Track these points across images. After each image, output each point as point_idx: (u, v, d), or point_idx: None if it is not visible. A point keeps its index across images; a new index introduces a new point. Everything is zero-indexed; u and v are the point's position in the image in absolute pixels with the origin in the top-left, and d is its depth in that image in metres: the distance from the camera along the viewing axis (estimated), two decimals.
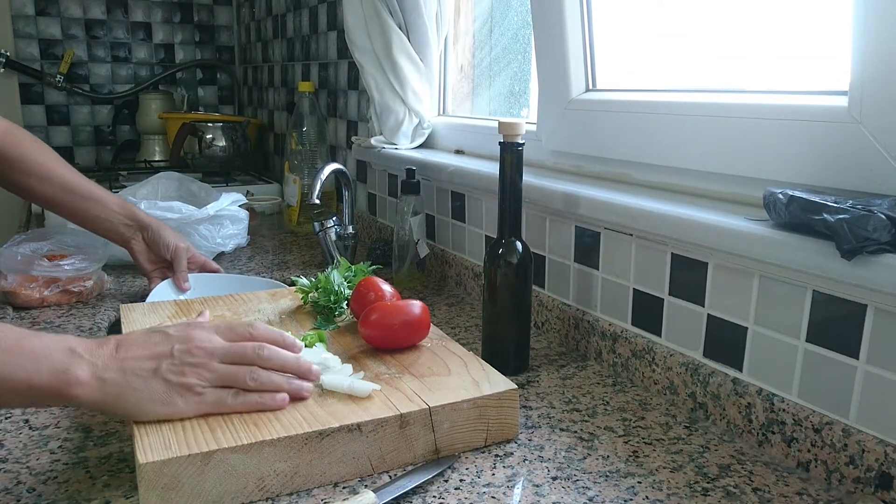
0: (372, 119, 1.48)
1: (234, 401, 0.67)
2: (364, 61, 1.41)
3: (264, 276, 1.29)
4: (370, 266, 1.03)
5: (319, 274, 0.98)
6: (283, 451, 0.63)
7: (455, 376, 0.76)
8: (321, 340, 0.83)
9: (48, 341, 0.62)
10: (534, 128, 1.16)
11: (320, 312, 0.95)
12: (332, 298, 0.95)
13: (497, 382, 0.74)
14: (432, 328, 0.89)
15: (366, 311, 0.84)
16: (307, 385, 0.70)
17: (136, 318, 0.92)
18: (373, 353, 0.82)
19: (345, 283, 0.97)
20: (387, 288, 0.91)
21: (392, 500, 0.62)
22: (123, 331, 0.87)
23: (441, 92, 1.52)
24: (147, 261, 1.17)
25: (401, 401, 0.69)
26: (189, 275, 1.15)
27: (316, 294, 0.96)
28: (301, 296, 0.99)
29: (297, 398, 0.69)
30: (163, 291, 1.11)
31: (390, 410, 0.68)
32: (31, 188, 1.10)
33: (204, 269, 1.20)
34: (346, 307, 0.96)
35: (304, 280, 1.00)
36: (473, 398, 0.71)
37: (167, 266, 1.17)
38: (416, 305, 0.84)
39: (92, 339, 0.66)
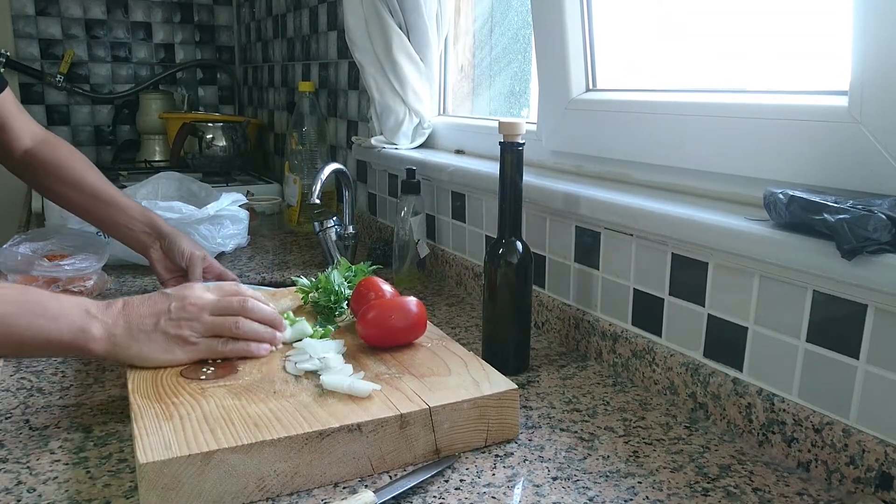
0: (372, 119, 1.48)
1: (224, 348, 0.79)
2: (364, 61, 1.41)
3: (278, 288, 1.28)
4: (370, 266, 1.03)
5: (319, 274, 0.98)
6: (284, 451, 0.63)
7: (455, 376, 0.76)
8: (324, 336, 0.84)
9: (67, 304, 0.74)
10: (534, 128, 1.16)
11: (320, 312, 0.95)
12: (332, 298, 0.95)
13: (497, 382, 0.74)
14: (432, 328, 0.89)
15: (363, 309, 0.85)
16: (280, 335, 0.84)
17: None
18: (373, 353, 0.82)
19: (345, 283, 0.97)
20: (387, 288, 0.91)
21: (391, 499, 0.62)
22: None
23: (441, 92, 1.52)
24: (164, 269, 1.18)
25: (401, 401, 0.69)
26: (204, 283, 1.14)
27: (316, 294, 0.96)
28: (301, 296, 0.99)
29: (272, 344, 0.82)
30: None
31: (390, 410, 0.68)
32: (64, 195, 1.16)
33: (220, 278, 1.20)
34: (346, 307, 0.96)
35: (304, 280, 1.00)
36: (474, 398, 0.71)
37: (183, 275, 1.17)
38: (412, 302, 0.84)
39: (102, 301, 0.77)
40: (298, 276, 1.05)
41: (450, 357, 0.81)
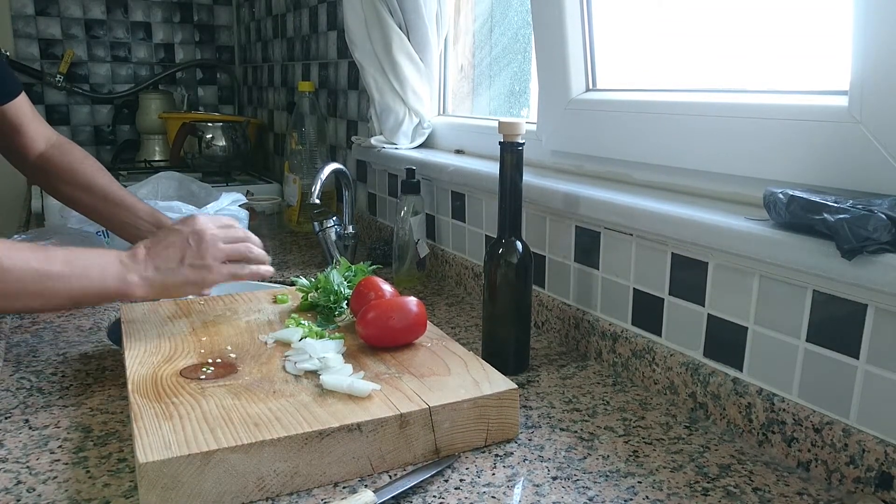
0: (372, 119, 1.48)
1: (243, 271, 0.92)
2: (364, 61, 1.41)
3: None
4: (370, 266, 1.03)
5: (319, 274, 0.98)
6: (283, 450, 0.63)
7: (455, 376, 0.76)
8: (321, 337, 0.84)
9: (101, 259, 0.85)
10: (534, 128, 1.16)
11: (320, 312, 0.95)
12: (331, 298, 0.95)
13: (497, 382, 0.74)
14: (432, 328, 0.89)
15: (363, 309, 0.85)
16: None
17: (136, 318, 0.93)
18: (372, 353, 0.82)
19: (345, 282, 0.97)
20: (387, 287, 0.91)
21: (391, 499, 0.62)
22: (124, 332, 0.88)
23: (441, 92, 1.52)
24: None
25: (401, 400, 0.69)
26: (204, 215, 1.17)
27: (316, 294, 0.96)
28: (301, 295, 0.99)
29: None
30: None
31: (390, 410, 0.68)
32: (75, 197, 1.18)
33: None
34: (346, 307, 0.96)
35: (303, 280, 1.00)
36: (473, 398, 0.71)
37: None
38: (412, 302, 0.84)
39: (128, 250, 0.87)
40: (298, 276, 1.05)
41: (450, 357, 0.81)
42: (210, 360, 0.80)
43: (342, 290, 0.96)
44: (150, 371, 0.77)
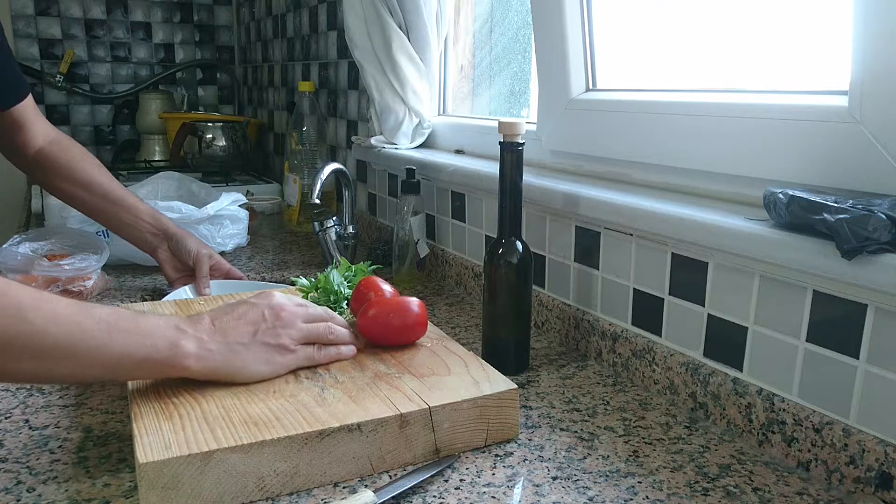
0: (372, 119, 1.48)
1: (319, 354, 0.78)
2: (364, 61, 1.41)
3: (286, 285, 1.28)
4: (370, 266, 1.03)
5: (319, 274, 0.98)
6: (283, 450, 0.63)
7: (455, 376, 0.76)
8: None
9: (156, 321, 0.70)
10: (534, 127, 1.16)
11: None
12: (331, 298, 0.95)
13: (497, 382, 0.74)
14: (432, 328, 0.89)
15: (364, 306, 0.85)
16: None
17: None
18: (373, 352, 0.82)
19: (345, 282, 0.97)
20: (387, 287, 0.91)
21: (391, 499, 0.62)
22: None
23: (441, 92, 1.52)
24: (172, 269, 1.19)
25: (401, 400, 0.69)
26: (211, 281, 1.16)
27: (316, 294, 0.96)
28: (301, 295, 0.99)
29: (356, 346, 0.83)
30: (181, 294, 1.11)
31: (390, 410, 0.68)
32: (74, 195, 1.17)
33: (228, 276, 1.22)
34: (346, 307, 0.96)
35: (303, 280, 1.00)
36: (473, 398, 0.71)
37: (191, 274, 1.18)
38: (413, 303, 0.84)
39: (186, 317, 0.74)
40: (298, 276, 1.05)
41: (450, 357, 0.81)
42: None
43: (342, 290, 0.96)
44: None
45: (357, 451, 0.66)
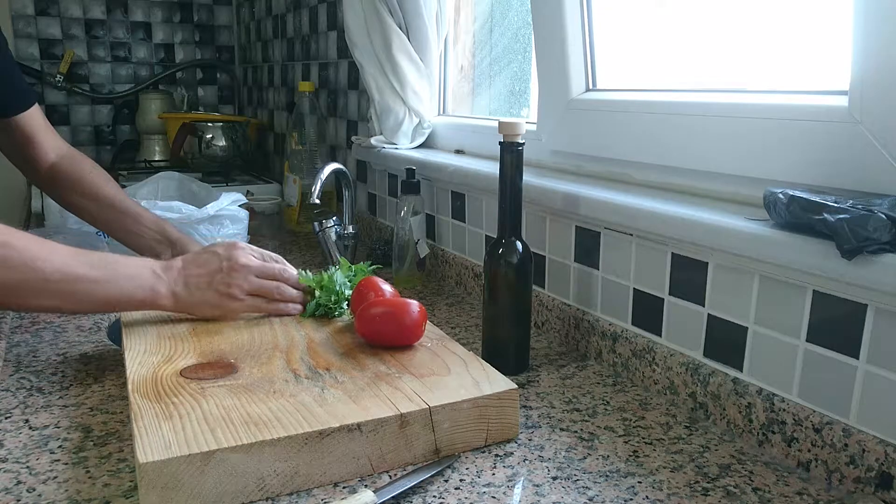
0: (372, 119, 1.48)
1: (266, 306, 0.94)
2: (364, 61, 1.41)
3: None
4: (370, 266, 1.03)
5: (323, 272, 0.98)
6: (283, 451, 0.63)
7: (455, 376, 0.75)
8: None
9: (138, 266, 0.88)
10: (534, 127, 1.16)
11: (320, 312, 0.95)
12: (332, 298, 0.95)
13: (497, 382, 0.74)
14: (432, 328, 0.89)
15: (362, 306, 0.85)
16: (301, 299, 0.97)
17: (136, 318, 0.93)
18: (373, 353, 0.82)
19: (347, 283, 0.97)
20: (387, 288, 0.91)
21: (391, 499, 0.62)
22: (124, 332, 0.88)
23: (441, 92, 1.52)
24: None
25: (401, 400, 0.69)
26: (248, 245, 1.18)
27: (318, 291, 0.97)
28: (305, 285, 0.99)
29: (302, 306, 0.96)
30: None
31: (390, 410, 0.68)
32: (83, 207, 1.20)
33: None
34: (346, 307, 0.96)
35: (307, 273, 1.00)
36: (474, 398, 0.71)
37: None
38: (413, 304, 0.85)
39: (163, 261, 0.91)
40: (302, 270, 1.05)
41: (450, 357, 0.81)
42: (208, 362, 0.80)
43: (344, 290, 0.96)
44: (151, 371, 0.77)
45: (357, 451, 0.66)
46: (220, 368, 0.78)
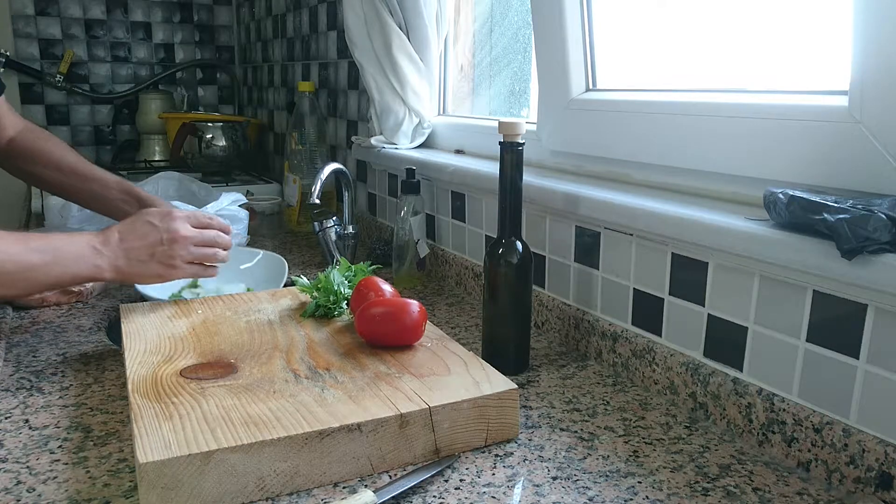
0: (372, 119, 1.48)
1: (205, 271, 1.00)
2: (364, 61, 1.41)
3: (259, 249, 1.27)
4: (370, 266, 1.03)
5: (319, 273, 0.98)
6: (283, 451, 0.63)
7: (455, 376, 0.75)
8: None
9: (78, 244, 0.91)
10: (534, 127, 1.16)
11: (319, 312, 0.95)
12: (331, 298, 0.95)
13: (497, 382, 0.74)
14: (432, 328, 0.89)
15: (363, 306, 0.85)
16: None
17: (135, 318, 0.93)
18: (372, 353, 0.82)
19: (345, 282, 0.97)
20: (387, 288, 0.91)
21: (391, 499, 0.62)
22: (124, 332, 0.88)
23: (441, 92, 1.51)
24: None
25: (401, 400, 0.69)
26: (182, 211, 1.19)
27: (317, 294, 0.97)
28: (302, 292, 1.00)
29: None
30: (186, 296, 1.12)
31: (390, 410, 0.67)
32: (46, 178, 1.22)
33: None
34: (345, 307, 0.96)
35: (304, 280, 1.00)
36: (474, 398, 0.71)
37: None
38: (412, 304, 0.85)
39: (100, 233, 0.93)
40: (298, 276, 1.05)
41: (450, 357, 0.81)
42: (209, 362, 0.79)
43: (342, 289, 0.96)
44: (150, 371, 0.77)
45: (357, 451, 0.66)
46: (220, 368, 0.78)
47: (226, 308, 0.98)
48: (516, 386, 0.74)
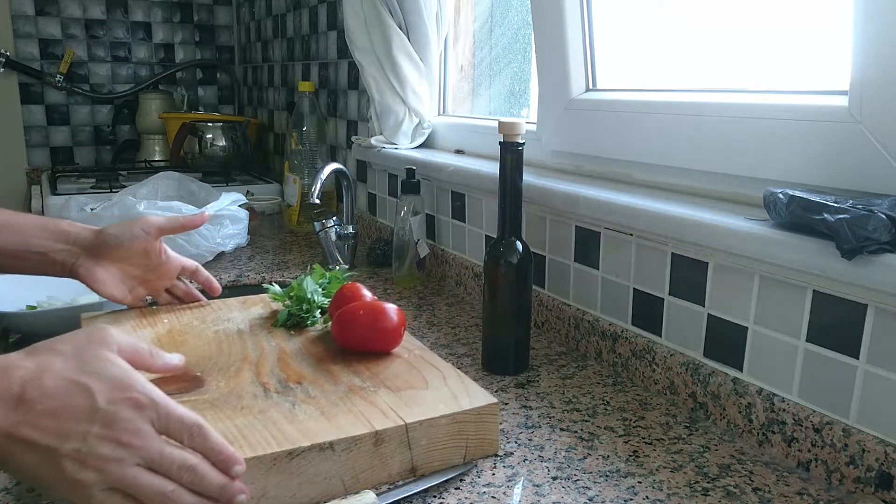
0: (372, 119, 1.48)
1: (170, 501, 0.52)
2: (364, 61, 1.41)
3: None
4: (346, 273, 1.00)
5: (293, 281, 0.93)
6: (251, 472, 0.58)
7: (433, 390, 0.72)
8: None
9: None
10: (534, 127, 1.16)
11: (292, 321, 0.90)
12: (303, 307, 0.90)
13: (476, 396, 0.71)
14: (410, 338, 0.86)
15: (340, 311, 0.82)
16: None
17: (96, 324, 0.87)
18: (347, 364, 0.78)
19: (318, 290, 0.92)
20: (367, 294, 0.88)
21: (393, 500, 0.62)
22: None
23: (441, 92, 1.52)
24: (116, 286, 0.88)
25: (375, 416, 0.66)
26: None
27: (288, 302, 0.92)
28: (273, 300, 0.95)
29: None
30: None
31: (364, 427, 0.64)
32: None
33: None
34: (318, 316, 0.91)
35: (276, 287, 0.95)
36: (452, 413, 0.67)
37: (149, 277, 0.92)
38: (391, 309, 0.82)
39: None
40: (271, 283, 0.98)
41: (427, 369, 0.77)
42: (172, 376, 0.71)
43: (315, 297, 0.91)
44: None
45: (329, 471, 0.62)
46: (186, 382, 0.72)
47: (193, 317, 0.92)
48: (496, 400, 0.70)
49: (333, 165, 1.36)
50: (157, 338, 0.85)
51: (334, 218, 1.37)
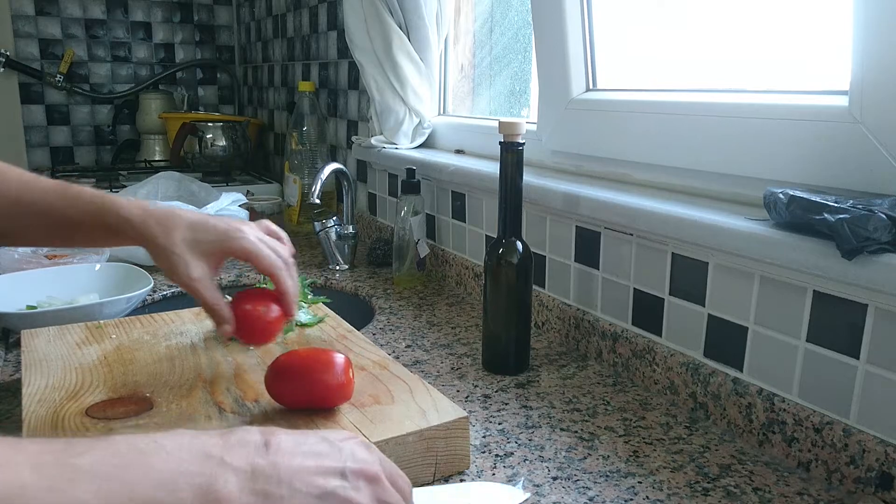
0: (372, 119, 1.48)
1: None
2: (364, 61, 1.41)
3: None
4: (306, 280, 0.97)
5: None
6: None
7: (400, 405, 0.69)
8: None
9: (177, 449, 0.46)
10: (534, 127, 1.16)
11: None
12: None
13: (445, 410, 0.68)
14: (375, 349, 0.84)
15: (271, 364, 0.68)
16: None
17: (38, 347, 0.81)
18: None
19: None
20: (275, 308, 0.73)
21: None
22: (23, 363, 0.72)
23: (441, 92, 1.52)
24: (198, 260, 0.72)
25: None
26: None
27: None
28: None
29: None
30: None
31: None
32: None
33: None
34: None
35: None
36: (420, 430, 0.64)
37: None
38: (337, 358, 0.68)
39: (220, 431, 0.49)
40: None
41: (394, 382, 0.74)
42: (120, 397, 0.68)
43: None
44: (51, 410, 0.66)
45: None
46: (133, 404, 0.69)
47: (144, 331, 0.87)
48: (466, 414, 0.68)
49: (333, 165, 1.36)
50: (103, 355, 0.80)
51: (334, 218, 1.37)
